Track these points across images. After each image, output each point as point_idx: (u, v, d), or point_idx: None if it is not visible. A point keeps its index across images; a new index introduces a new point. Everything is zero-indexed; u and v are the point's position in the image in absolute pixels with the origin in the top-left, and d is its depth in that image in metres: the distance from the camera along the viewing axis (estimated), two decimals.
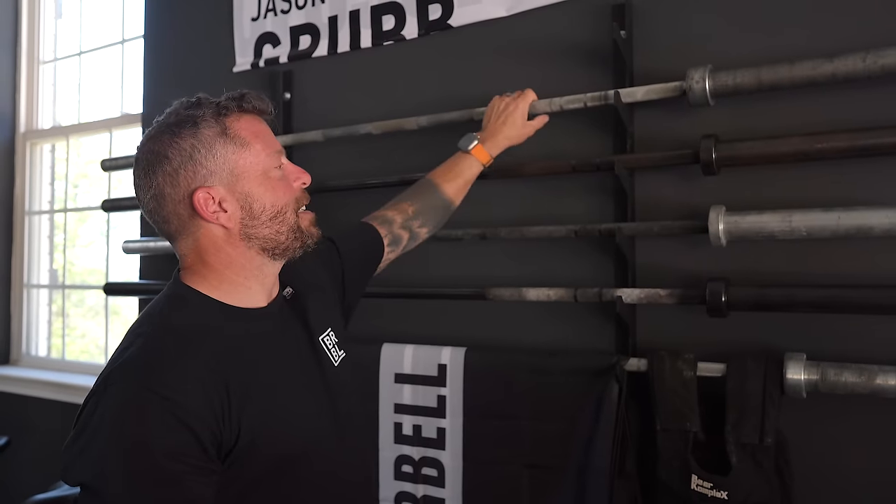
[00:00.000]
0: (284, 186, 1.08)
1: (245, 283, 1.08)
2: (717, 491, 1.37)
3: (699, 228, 1.44)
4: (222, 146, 1.03)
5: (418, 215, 1.46)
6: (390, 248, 1.43)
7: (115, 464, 0.89)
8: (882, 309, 1.30)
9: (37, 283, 3.34)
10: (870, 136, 1.30)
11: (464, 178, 1.52)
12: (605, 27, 1.63)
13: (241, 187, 1.04)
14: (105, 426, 0.91)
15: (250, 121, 1.07)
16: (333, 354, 1.19)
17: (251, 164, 1.04)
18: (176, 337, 0.99)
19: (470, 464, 1.68)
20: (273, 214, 1.06)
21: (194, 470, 0.91)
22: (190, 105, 1.05)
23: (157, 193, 1.04)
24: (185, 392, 0.92)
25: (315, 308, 1.20)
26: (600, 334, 1.62)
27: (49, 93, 3.40)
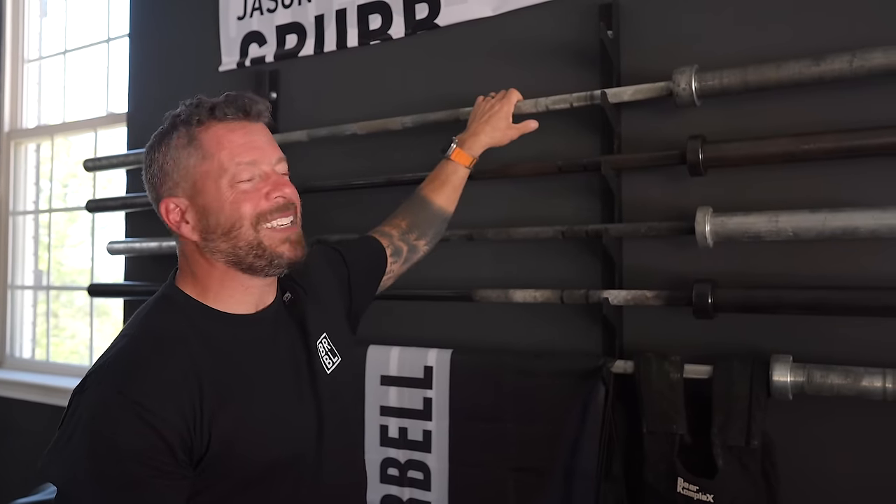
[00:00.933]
0: (248, 199, 1.03)
1: (228, 292, 1.06)
2: (703, 494, 1.36)
3: (686, 229, 1.43)
4: (187, 157, 1.03)
5: (412, 229, 1.44)
6: (393, 258, 1.40)
7: (85, 465, 0.91)
8: (868, 311, 1.30)
9: (21, 285, 3.30)
10: (856, 138, 1.30)
11: (450, 184, 1.49)
12: (592, 27, 1.62)
13: (201, 200, 1.03)
14: (77, 428, 0.92)
15: (221, 129, 1.04)
16: (326, 361, 1.16)
17: (212, 176, 1.02)
18: (155, 340, 0.99)
19: (456, 467, 1.66)
20: (227, 228, 1.02)
21: (163, 474, 0.91)
22: (181, 109, 1.06)
23: (148, 195, 1.09)
24: (155, 397, 0.92)
25: (314, 313, 1.18)
26: (587, 336, 1.61)
27: (34, 92, 3.36)
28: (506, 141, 1.55)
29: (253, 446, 0.99)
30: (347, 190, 1.92)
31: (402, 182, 1.83)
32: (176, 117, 1.05)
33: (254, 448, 1.00)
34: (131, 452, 0.90)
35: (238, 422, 0.98)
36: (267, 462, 1.01)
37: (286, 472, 1.03)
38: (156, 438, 0.91)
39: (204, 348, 1.00)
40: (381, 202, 1.91)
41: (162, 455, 0.91)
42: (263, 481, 1.01)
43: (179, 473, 0.93)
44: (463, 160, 1.50)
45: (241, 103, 1.05)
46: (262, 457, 1.00)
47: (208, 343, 1.01)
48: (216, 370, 0.99)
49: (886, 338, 1.32)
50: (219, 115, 1.03)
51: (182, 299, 1.06)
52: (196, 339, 1.01)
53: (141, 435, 0.90)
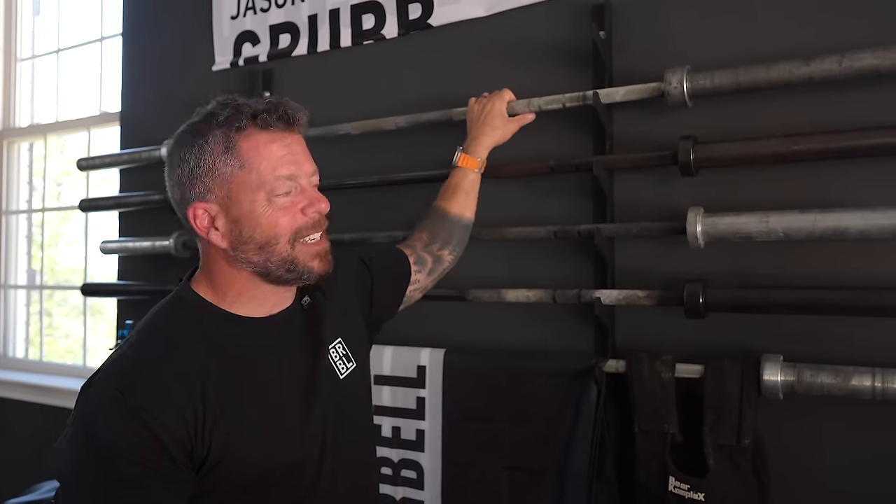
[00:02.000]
0: (286, 215, 1.01)
1: (245, 298, 1.05)
2: (694, 492, 1.37)
3: (677, 230, 1.43)
4: (223, 164, 1.00)
5: (434, 240, 1.44)
6: (416, 266, 1.39)
7: (82, 460, 0.92)
8: (858, 310, 1.30)
9: (14, 284, 3.29)
10: (846, 138, 1.31)
11: (462, 190, 1.49)
12: (585, 28, 1.62)
13: (235, 210, 1.00)
14: (80, 426, 0.94)
15: (262, 139, 1.01)
16: (340, 367, 1.14)
17: (249, 187, 1.00)
18: (161, 341, 1.00)
19: (449, 466, 1.67)
20: (262, 243, 1.01)
21: (158, 475, 0.92)
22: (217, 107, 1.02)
23: (172, 195, 1.06)
24: (154, 398, 0.93)
25: (331, 318, 1.16)
26: (579, 336, 1.62)
27: (27, 91, 3.35)
28: (508, 136, 1.56)
29: (255, 451, 0.99)
30: (341, 190, 1.92)
31: (395, 182, 1.83)
32: (212, 117, 1.01)
33: (254, 453, 0.99)
34: (126, 451, 0.90)
35: (241, 426, 0.98)
36: (267, 467, 1.00)
37: (289, 478, 1.02)
38: (151, 439, 0.91)
39: (211, 351, 0.99)
40: (375, 202, 1.92)
41: (157, 456, 0.91)
42: (266, 486, 1.00)
43: (178, 476, 0.93)
44: (470, 164, 1.51)
45: (285, 112, 1.02)
46: (262, 461, 0.99)
47: (216, 346, 1.00)
48: (222, 373, 0.98)
49: (876, 337, 1.33)
50: (261, 123, 1.00)
51: (194, 301, 1.05)
52: (203, 341, 1.00)
53: (136, 434, 0.90)
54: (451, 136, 1.79)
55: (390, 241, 1.80)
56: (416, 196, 1.84)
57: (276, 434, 1.02)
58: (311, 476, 1.05)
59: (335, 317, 1.17)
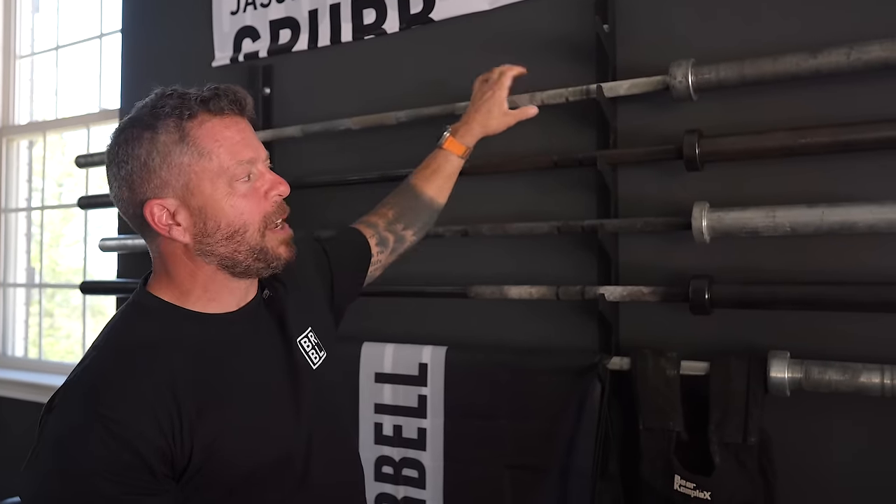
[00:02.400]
0: (250, 201, 0.98)
1: (210, 296, 1.01)
2: (700, 491, 1.35)
3: (682, 225, 1.42)
4: (179, 154, 0.95)
5: (400, 218, 1.38)
6: (379, 247, 1.35)
7: (55, 486, 0.86)
8: (866, 306, 1.29)
9: (13, 282, 3.28)
10: (853, 132, 1.29)
11: (442, 173, 1.41)
12: (588, 21, 1.61)
13: (196, 201, 0.96)
14: (45, 448, 0.88)
15: (217, 125, 0.97)
16: (312, 356, 1.11)
17: (209, 175, 0.95)
18: (128, 352, 0.94)
19: (451, 464, 1.65)
20: (230, 233, 0.97)
21: (138, 491, 0.87)
22: (160, 98, 0.97)
23: (117, 194, 1.00)
24: (128, 412, 0.88)
25: (295, 309, 1.13)
26: (583, 333, 1.60)
27: (26, 88, 3.33)
28: (501, 128, 1.45)
29: (239, 450, 0.95)
30: (341, 185, 1.90)
31: (396, 177, 1.80)
32: (156, 108, 0.96)
33: (240, 452, 0.95)
34: (103, 470, 0.85)
35: (220, 427, 0.94)
36: (252, 466, 0.97)
37: (274, 475, 1.00)
38: (130, 455, 0.86)
39: (180, 355, 0.95)
40: (376, 197, 1.90)
41: (137, 472, 0.87)
42: (251, 485, 0.97)
43: (158, 489, 0.89)
44: (455, 149, 1.41)
45: (236, 97, 0.98)
46: (247, 461, 0.96)
47: (184, 348, 0.96)
48: (194, 376, 0.94)
49: (885, 333, 1.31)
50: (214, 108, 0.97)
51: (155, 305, 1.00)
52: (171, 346, 0.95)
53: (113, 452, 0.86)
54: None
55: None
56: None
57: (258, 431, 0.98)
58: (296, 472, 1.02)
59: (299, 306, 1.14)
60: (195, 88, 0.98)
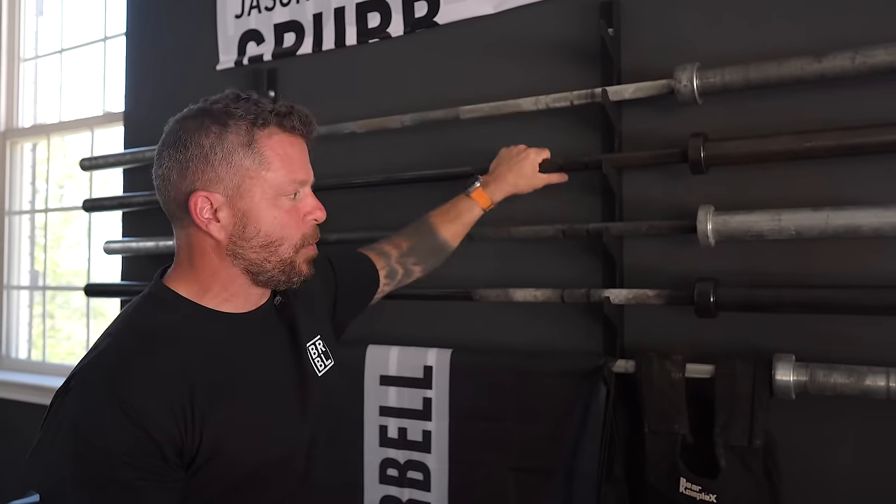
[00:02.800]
0: (291, 218, 1.02)
1: (227, 296, 1.04)
2: (705, 494, 1.35)
3: (688, 228, 1.42)
4: (241, 157, 0.98)
5: (412, 252, 1.42)
6: (387, 280, 1.39)
7: (70, 469, 0.88)
8: (871, 309, 1.29)
9: (17, 285, 3.28)
10: (858, 135, 1.29)
11: (462, 221, 1.46)
12: (593, 25, 1.61)
13: (243, 204, 0.99)
14: (61, 430, 0.89)
15: (284, 140, 1.01)
16: (318, 363, 1.15)
17: (263, 184, 0.99)
18: (144, 340, 0.96)
19: (456, 467, 1.65)
20: (265, 242, 1.01)
21: (152, 476, 0.89)
22: (236, 99, 1.00)
23: (165, 174, 1.01)
24: (145, 397, 0.89)
25: (305, 316, 1.16)
26: (588, 335, 1.60)
27: (30, 91, 3.34)
28: (529, 189, 1.52)
29: (244, 447, 0.97)
30: (346, 189, 1.91)
31: (400, 181, 1.82)
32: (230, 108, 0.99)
33: (245, 449, 0.97)
34: (119, 454, 0.87)
35: (230, 422, 0.96)
36: (257, 463, 0.99)
37: (276, 474, 1.02)
38: (146, 440, 0.88)
39: (194, 348, 0.97)
40: (380, 201, 1.91)
41: (152, 458, 0.88)
42: (254, 483, 0.99)
43: (170, 476, 0.91)
44: (482, 201, 1.47)
45: (308, 119, 1.03)
46: (253, 458, 0.98)
47: (199, 342, 0.98)
48: (207, 370, 0.96)
49: (890, 337, 1.32)
50: (287, 126, 1.01)
51: (171, 298, 1.02)
52: (186, 338, 0.98)
53: (130, 436, 0.87)
54: (457, 135, 1.79)
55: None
56: (422, 195, 1.83)
57: (263, 429, 1.00)
58: (297, 472, 1.04)
59: (307, 315, 1.17)
60: (268, 100, 1.03)
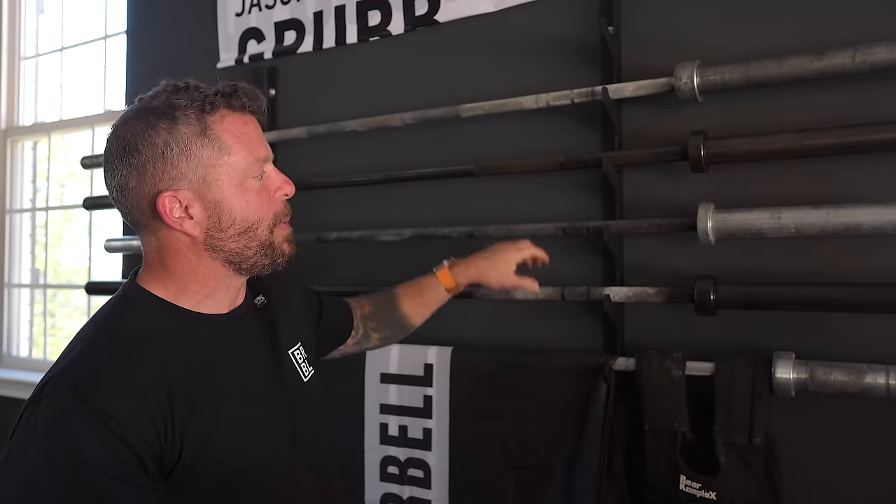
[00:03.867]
0: (262, 199, 0.99)
1: (207, 293, 1.00)
2: (705, 491, 1.35)
3: (688, 226, 1.42)
4: (199, 147, 0.93)
5: (372, 318, 1.40)
6: (353, 333, 1.38)
7: (45, 482, 0.82)
8: (871, 307, 1.29)
9: (18, 283, 3.29)
10: (859, 133, 1.29)
11: (424, 298, 1.42)
12: (593, 22, 1.61)
13: (213, 195, 0.95)
14: (35, 440, 0.84)
15: (236, 120, 0.97)
16: (303, 369, 1.13)
17: (227, 170, 0.95)
18: (119, 344, 0.92)
19: (456, 465, 1.65)
20: (243, 229, 0.97)
21: (130, 486, 0.85)
22: (175, 90, 0.95)
23: (121, 184, 0.96)
24: (122, 405, 0.85)
25: (287, 322, 1.14)
26: (588, 333, 1.61)
27: (30, 89, 3.34)
28: (496, 285, 1.44)
29: (226, 453, 0.94)
30: (347, 186, 1.91)
31: (401, 179, 1.82)
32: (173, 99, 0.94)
33: (226, 455, 0.94)
34: (96, 464, 0.83)
35: (211, 428, 0.93)
36: (239, 469, 0.96)
37: (258, 480, 0.99)
38: (123, 449, 0.84)
39: (172, 351, 0.93)
40: (381, 199, 1.91)
41: (130, 466, 0.84)
42: (234, 490, 0.96)
43: (149, 486, 0.87)
44: (446, 281, 1.42)
45: (254, 94, 0.99)
46: (234, 463, 0.95)
47: (176, 345, 0.94)
48: (186, 374, 0.93)
49: (890, 334, 1.32)
50: (236, 105, 0.96)
51: (147, 299, 0.98)
52: (163, 341, 0.93)
53: (108, 446, 0.83)
54: (457, 133, 1.79)
55: (396, 238, 1.79)
56: (423, 193, 1.84)
57: (246, 433, 0.98)
58: (283, 478, 1.02)
59: (290, 321, 1.15)
60: (206, 84, 0.97)
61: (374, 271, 1.90)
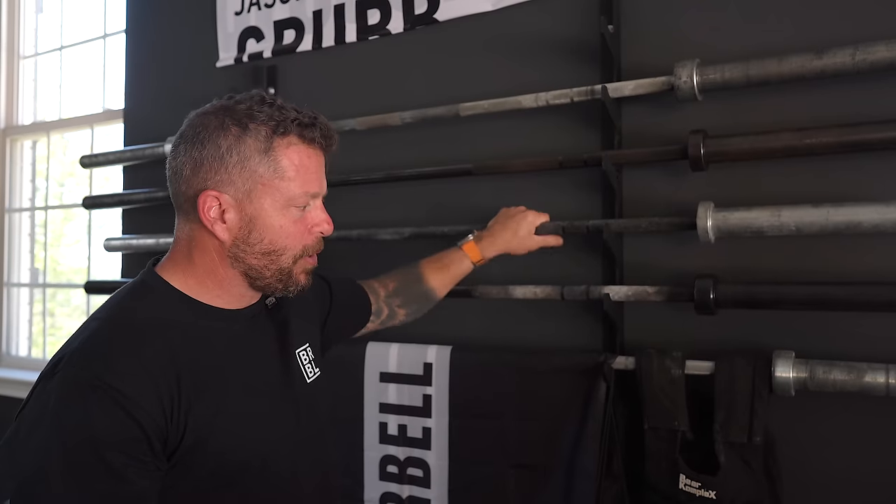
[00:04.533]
0: (297, 229, 1.01)
1: (219, 292, 1.03)
2: (705, 491, 1.35)
3: (687, 225, 1.42)
4: (257, 163, 0.97)
5: (398, 294, 1.42)
6: (373, 316, 1.40)
7: (56, 455, 0.85)
8: (871, 306, 1.29)
9: (17, 282, 3.28)
10: (859, 132, 1.29)
11: (450, 272, 1.47)
12: (593, 21, 1.61)
13: (252, 209, 0.98)
14: (48, 414, 0.87)
15: (302, 151, 1.00)
16: (308, 370, 1.15)
17: (274, 192, 0.98)
18: (132, 326, 0.95)
19: (456, 464, 1.65)
20: (268, 250, 1.00)
21: (138, 463, 0.88)
22: (261, 102, 0.99)
23: (178, 167, 1.00)
24: (133, 383, 0.88)
25: (296, 322, 1.17)
26: (587, 332, 1.60)
27: (30, 88, 3.34)
28: (523, 250, 1.51)
29: (227, 442, 0.97)
30: (346, 185, 1.90)
31: (401, 178, 1.82)
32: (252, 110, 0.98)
33: (227, 446, 0.97)
34: (108, 440, 0.85)
35: (214, 415, 0.95)
36: (240, 461, 0.98)
37: (258, 474, 1.01)
38: (133, 426, 0.87)
39: (183, 338, 0.96)
40: (381, 198, 1.91)
41: (138, 444, 0.87)
42: (235, 483, 0.98)
43: (154, 464, 0.90)
44: (473, 255, 1.48)
45: (329, 133, 1.02)
46: (235, 456, 0.98)
47: (187, 333, 0.98)
48: (194, 361, 0.96)
49: (889, 333, 1.32)
50: (307, 137, 1.00)
51: (163, 288, 1.01)
52: (175, 328, 0.97)
53: (118, 422, 0.86)
54: (457, 132, 1.78)
55: (395, 236, 1.79)
56: (422, 192, 1.84)
57: (248, 425, 1.00)
58: (285, 476, 1.04)
59: (299, 322, 1.18)
60: (291, 105, 1.01)
61: (373, 270, 1.90)
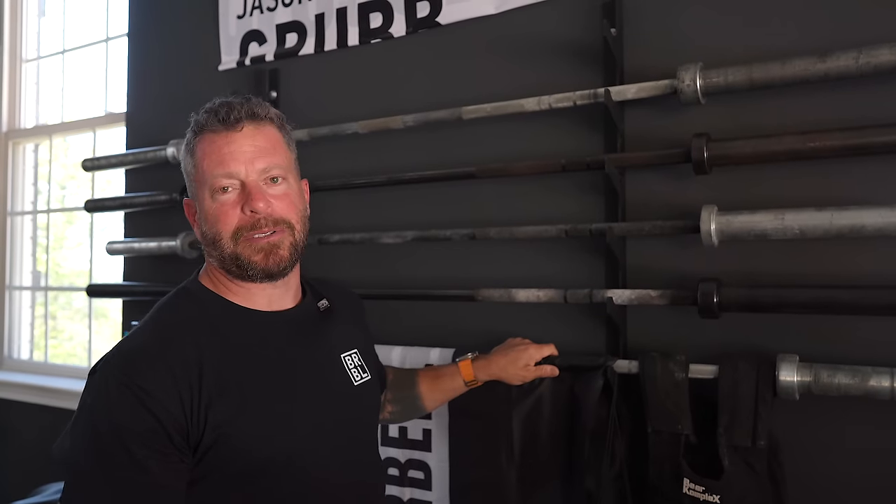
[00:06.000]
0: (220, 213, 1.05)
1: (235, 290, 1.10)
2: (709, 494, 1.34)
3: (691, 228, 1.42)
4: (188, 164, 1.10)
5: (391, 387, 1.44)
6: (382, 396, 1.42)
7: (87, 445, 0.95)
8: (875, 309, 1.28)
9: (19, 285, 3.28)
10: (862, 135, 1.29)
11: (441, 385, 1.47)
12: (596, 24, 1.61)
13: (198, 205, 1.09)
14: (85, 408, 0.98)
15: (209, 138, 1.07)
16: (354, 374, 1.18)
17: (199, 184, 1.07)
18: (163, 328, 1.03)
19: (457, 466, 1.65)
20: (211, 239, 1.07)
21: (160, 455, 0.94)
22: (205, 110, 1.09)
23: None
24: (154, 380, 0.95)
25: (347, 329, 1.23)
26: (590, 335, 1.60)
27: (32, 92, 3.34)
28: (517, 381, 1.49)
29: (250, 439, 1.00)
30: (349, 189, 1.91)
31: (403, 181, 1.82)
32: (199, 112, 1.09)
33: (250, 441, 1.00)
34: (130, 432, 0.93)
35: (236, 412, 0.99)
36: (265, 458, 1.01)
37: (282, 469, 1.02)
38: (153, 421, 0.94)
39: (212, 337, 1.03)
40: (383, 201, 1.91)
41: (158, 436, 0.94)
42: (259, 477, 1.01)
43: (176, 457, 0.96)
44: (466, 374, 1.47)
45: (221, 112, 1.06)
46: (260, 452, 1.00)
47: (218, 332, 1.04)
48: (222, 358, 1.01)
49: (894, 337, 1.31)
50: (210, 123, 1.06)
51: (199, 291, 1.10)
52: (206, 328, 1.03)
53: (138, 416, 0.94)
54: (459, 135, 1.78)
55: (398, 240, 1.79)
56: (425, 195, 1.84)
57: (272, 423, 1.02)
58: (312, 471, 1.06)
59: (350, 330, 1.23)
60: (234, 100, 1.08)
61: (375, 273, 1.90)
